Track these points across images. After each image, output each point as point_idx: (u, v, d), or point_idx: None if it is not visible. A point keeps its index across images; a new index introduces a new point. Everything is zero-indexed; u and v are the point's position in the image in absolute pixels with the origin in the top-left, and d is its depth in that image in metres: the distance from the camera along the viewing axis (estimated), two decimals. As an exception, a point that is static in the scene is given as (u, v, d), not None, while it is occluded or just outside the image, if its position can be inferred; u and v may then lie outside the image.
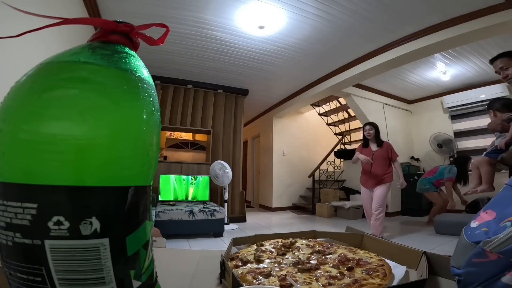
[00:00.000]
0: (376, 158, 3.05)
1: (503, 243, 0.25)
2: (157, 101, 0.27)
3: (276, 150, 6.31)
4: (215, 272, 0.44)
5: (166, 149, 5.15)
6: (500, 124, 1.46)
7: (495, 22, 2.67)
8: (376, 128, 3.16)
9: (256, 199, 7.26)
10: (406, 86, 5.19)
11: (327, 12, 2.88)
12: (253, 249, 0.52)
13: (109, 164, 0.21)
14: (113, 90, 0.22)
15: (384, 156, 3.04)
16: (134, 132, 0.23)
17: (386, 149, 3.08)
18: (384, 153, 3.05)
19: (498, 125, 1.49)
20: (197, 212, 3.39)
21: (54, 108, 0.20)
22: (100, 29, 0.26)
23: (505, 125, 1.43)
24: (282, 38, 3.40)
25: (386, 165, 3.03)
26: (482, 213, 0.32)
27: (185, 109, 4.80)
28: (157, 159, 0.26)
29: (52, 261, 0.19)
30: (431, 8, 2.77)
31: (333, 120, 6.69)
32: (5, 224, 0.20)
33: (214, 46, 3.61)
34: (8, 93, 0.22)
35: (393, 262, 0.45)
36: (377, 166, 3.03)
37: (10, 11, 0.68)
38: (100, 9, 2.81)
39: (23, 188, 0.19)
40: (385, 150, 3.07)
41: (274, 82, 4.91)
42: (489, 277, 0.27)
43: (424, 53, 3.44)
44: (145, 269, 0.24)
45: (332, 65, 4.17)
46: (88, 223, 0.20)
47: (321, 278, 0.39)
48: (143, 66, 0.26)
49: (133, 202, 0.23)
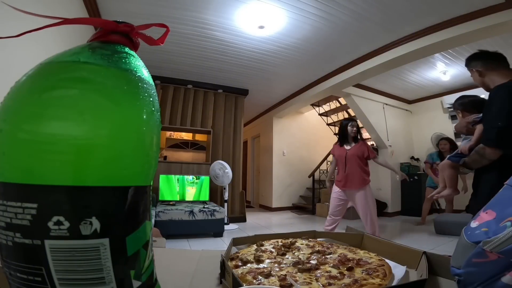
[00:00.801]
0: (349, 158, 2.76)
1: (503, 243, 0.25)
2: (157, 101, 0.27)
3: (276, 150, 6.31)
4: (215, 272, 0.44)
5: (166, 149, 5.15)
6: (466, 127, 1.37)
7: (495, 22, 2.67)
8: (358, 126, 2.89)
9: (256, 199, 7.26)
10: (406, 86, 5.19)
11: (327, 12, 2.88)
12: (253, 249, 0.52)
13: (109, 164, 0.21)
14: (113, 90, 0.22)
15: (359, 155, 2.72)
16: (134, 132, 0.23)
17: (362, 147, 2.75)
18: (360, 151, 2.72)
19: (463, 127, 1.40)
20: (197, 212, 3.39)
21: (54, 108, 0.20)
22: (100, 29, 0.26)
23: (470, 128, 1.34)
24: (282, 38, 3.40)
25: (361, 165, 2.72)
26: (482, 213, 0.32)
27: (185, 109, 4.80)
28: (157, 159, 0.26)
29: (52, 261, 0.19)
30: (430, 8, 2.77)
31: (333, 120, 6.69)
32: (5, 224, 0.20)
33: (214, 46, 3.61)
34: (8, 93, 0.22)
35: (393, 262, 0.44)
36: (352, 166, 2.73)
37: (10, 11, 0.68)
38: (100, 9, 2.81)
39: (23, 188, 0.19)
40: (361, 148, 2.74)
41: (274, 82, 4.91)
42: (489, 277, 0.27)
43: (424, 53, 3.44)
44: (145, 269, 0.24)
45: (332, 65, 4.17)
46: (88, 223, 0.20)
47: (321, 278, 0.39)
48: (143, 66, 0.26)
49: (133, 202, 0.23)
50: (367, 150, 2.75)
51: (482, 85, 1.31)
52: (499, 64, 1.23)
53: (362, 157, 2.73)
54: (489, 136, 1.14)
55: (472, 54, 1.33)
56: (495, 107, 1.14)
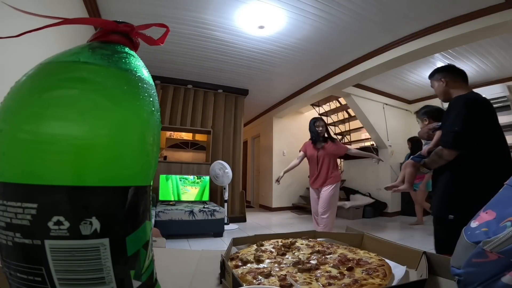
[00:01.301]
0: (321, 156, 2.76)
1: (503, 243, 0.25)
2: (157, 101, 0.27)
3: (276, 150, 6.31)
4: (215, 272, 0.44)
5: (166, 149, 5.15)
6: (427, 133, 1.64)
7: (495, 22, 2.67)
8: (325, 123, 2.92)
9: (256, 199, 7.26)
10: (406, 86, 5.19)
11: (327, 12, 2.87)
12: (253, 249, 0.52)
13: (109, 164, 0.21)
14: (113, 90, 0.22)
15: (330, 153, 2.75)
16: (134, 132, 0.23)
17: (333, 145, 2.78)
18: (331, 150, 2.76)
19: (425, 133, 1.68)
20: (197, 212, 3.39)
21: (54, 108, 0.20)
22: (100, 29, 0.26)
23: (430, 134, 1.60)
24: (282, 38, 3.40)
25: (332, 163, 2.75)
26: (482, 213, 0.32)
27: (185, 109, 4.80)
28: (157, 159, 0.26)
29: (52, 261, 0.19)
30: (431, 8, 2.77)
31: (333, 120, 6.68)
32: (5, 224, 0.20)
33: (214, 46, 3.61)
34: (8, 93, 0.22)
35: (393, 262, 0.44)
36: (323, 165, 2.75)
37: (10, 11, 0.68)
38: (100, 9, 2.81)
39: (23, 188, 0.19)
40: (332, 147, 2.77)
41: (274, 82, 4.91)
42: (489, 277, 0.27)
43: (424, 53, 3.44)
44: (145, 269, 0.24)
45: (332, 65, 4.17)
46: (88, 223, 0.20)
47: (321, 278, 0.39)
48: (143, 66, 0.26)
49: (133, 202, 0.23)
50: (338, 148, 2.80)
51: (444, 94, 1.49)
52: (462, 80, 1.46)
53: (333, 155, 2.77)
54: (447, 139, 1.30)
55: (442, 66, 1.54)
56: (453, 114, 1.31)
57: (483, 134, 1.26)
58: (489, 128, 1.30)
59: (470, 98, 1.32)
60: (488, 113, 1.32)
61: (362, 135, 6.36)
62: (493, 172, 1.23)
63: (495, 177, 1.16)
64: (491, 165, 1.25)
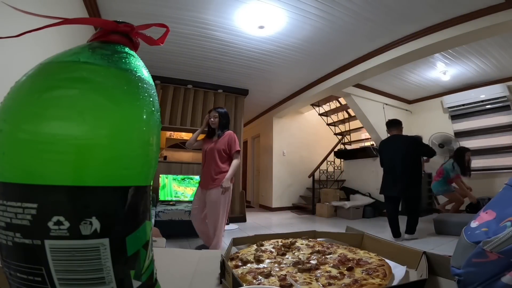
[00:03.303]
0: (208, 152, 2.36)
1: (503, 243, 0.25)
2: (157, 101, 0.27)
3: (276, 150, 6.31)
4: (215, 272, 0.44)
5: (166, 149, 5.16)
6: None
7: (495, 22, 2.67)
8: (223, 115, 2.43)
9: (256, 199, 7.26)
10: (406, 86, 5.19)
11: (327, 12, 2.88)
12: (253, 249, 0.52)
13: (109, 164, 0.21)
14: (113, 90, 0.22)
15: (218, 149, 2.32)
16: (134, 132, 0.23)
17: (225, 140, 2.34)
18: (219, 146, 2.32)
19: None
20: (197, 212, 3.38)
21: (54, 108, 0.20)
22: (100, 29, 0.26)
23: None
24: (282, 38, 3.40)
25: (221, 161, 2.32)
26: (482, 213, 0.32)
27: (185, 109, 4.80)
28: (157, 159, 0.26)
29: (52, 261, 0.19)
30: (431, 8, 2.77)
31: (333, 120, 6.69)
32: (5, 224, 0.20)
33: (214, 46, 3.61)
34: (8, 93, 0.22)
35: (393, 262, 0.45)
36: (209, 162, 2.34)
37: (10, 11, 0.68)
38: (100, 9, 2.81)
39: (23, 188, 0.19)
40: (223, 142, 2.34)
41: (274, 82, 4.91)
42: (489, 277, 0.27)
43: (424, 53, 3.44)
44: (145, 269, 0.24)
45: (332, 65, 4.17)
46: (88, 223, 0.20)
47: (321, 278, 0.39)
48: (143, 66, 0.26)
49: (133, 202, 0.23)
50: (227, 144, 2.33)
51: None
52: (396, 126, 2.98)
53: (221, 152, 2.33)
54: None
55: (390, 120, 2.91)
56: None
57: None
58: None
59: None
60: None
61: (362, 135, 6.36)
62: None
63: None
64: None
